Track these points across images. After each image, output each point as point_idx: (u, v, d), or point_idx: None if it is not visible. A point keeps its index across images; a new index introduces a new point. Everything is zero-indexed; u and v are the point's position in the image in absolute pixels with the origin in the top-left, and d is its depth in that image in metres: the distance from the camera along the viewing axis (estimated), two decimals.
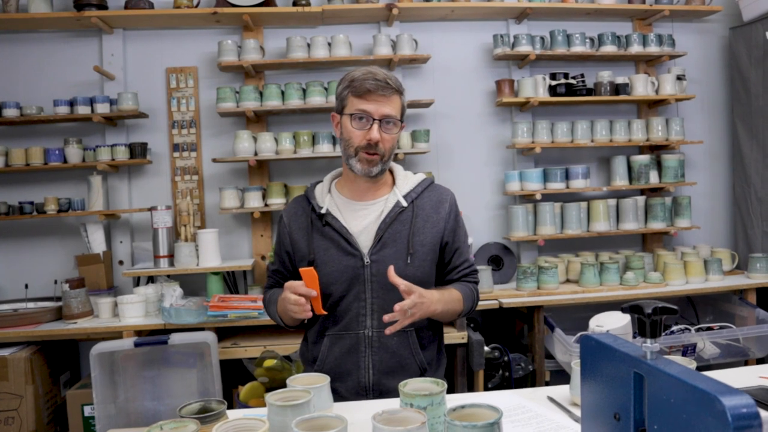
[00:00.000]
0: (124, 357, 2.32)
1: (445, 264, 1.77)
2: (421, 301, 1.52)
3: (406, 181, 1.77)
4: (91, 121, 3.21)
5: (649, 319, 0.82)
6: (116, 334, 2.79)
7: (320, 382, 1.37)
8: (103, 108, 3.18)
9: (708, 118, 3.81)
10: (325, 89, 3.27)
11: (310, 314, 1.56)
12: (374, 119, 1.61)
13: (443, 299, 1.65)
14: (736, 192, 3.71)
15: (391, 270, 1.53)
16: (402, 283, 1.51)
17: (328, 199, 1.74)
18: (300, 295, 1.54)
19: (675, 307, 0.81)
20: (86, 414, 2.79)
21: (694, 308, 3.43)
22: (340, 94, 1.67)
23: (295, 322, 1.73)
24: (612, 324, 1.25)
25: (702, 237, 3.75)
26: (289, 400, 1.20)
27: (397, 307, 1.48)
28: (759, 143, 3.48)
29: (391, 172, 1.80)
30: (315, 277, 1.56)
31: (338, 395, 1.65)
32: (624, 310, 0.85)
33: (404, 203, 1.71)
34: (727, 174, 3.84)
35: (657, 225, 3.48)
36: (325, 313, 1.61)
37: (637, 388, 0.86)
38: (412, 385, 1.28)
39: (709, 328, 3.09)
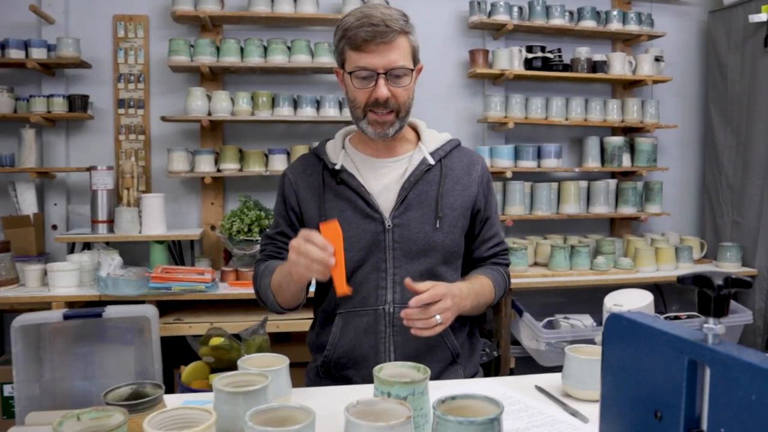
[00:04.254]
0: (52, 331, 2.06)
1: (474, 236, 1.55)
2: (447, 306, 1.29)
3: (433, 137, 1.54)
4: (25, 68, 2.89)
5: (717, 292, 0.64)
6: (44, 305, 2.53)
7: (278, 364, 1.16)
8: (39, 53, 2.86)
9: (682, 103, 3.72)
10: (288, 48, 3.02)
11: (327, 276, 1.24)
12: (378, 73, 1.36)
13: (473, 292, 1.42)
14: (706, 179, 3.64)
15: (408, 280, 1.29)
16: (423, 288, 1.26)
17: (343, 154, 1.49)
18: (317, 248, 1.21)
19: (749, 279, 0.63)
20: (6, 393, 2.52)
21: (662, 296, 3.34)
22: (337, 46, 1.42)
23: (294, 299, 1.44)
24: (633, 303, 1.08)
25: (670, 224, 3.67)
26: (241, 386, 0.99)
27: (412, 302, 1.25)
28: (733, 130, 3.40)
29: (414, 128, 1.57)
30: (339, 234, 1.23)
31: (352, 384, 1.43)
32: (684, 281, 0.67)
33: (431, 161, 1.48)
34: (698, 161, 3.76)
35: (627, 210, 3.38)
36: (349, 292, 1.26)
37: (690, 381, 0.69)
38: (388, 370, 1.09)
39: (677, 317, 3.01)
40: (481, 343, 1.63)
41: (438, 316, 1.27)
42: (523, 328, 2.83)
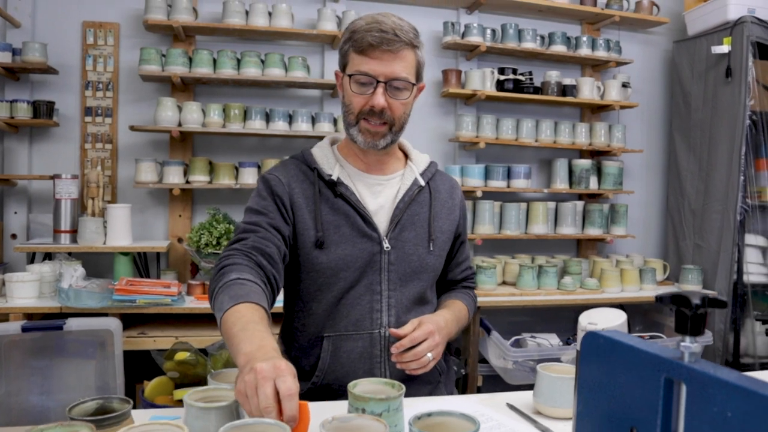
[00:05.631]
0: (9, 343, 2.01)
1: (450, 258, 1.56)
2: (436, 342, 1.32)
3: (419, 158, 1.53)
4: None
5: (694, 312, 0.66)
6: (2, 317, 2.44)
7: None
8: (3, 57, 2.78)
9: (647, 128, 3.81)
10: (262, 61, 3.01)
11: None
12: (378, 81, 1.32)
13: (455, 319, 1.46)
14: (669, 203, 3.73)
15: (391, 329, 1.31)
16: (407, 332, 1.29)
17: (338, 167, 1.43)
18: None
19: (725, 299, 0.65)
20: None
21: None
22: (342, 48, 1.38)
23: None
24: (607, 322, 1.09)
25: (634, 246, 3.74)
26: (213, 401, 0.97)
27: (406, 342, 1.27)
28: (696, 156, 3.50)
29: (401, 147, 1.55)
30: (307, 420, 0.92)
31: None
32: (663, 300, 0.68)
33: (422, 182, 1.48)
34: (662, 185, 3.86)
35: (594, 231, 3.44)
36: None
37: (666, 398, 0.69)
38: (363, 386, 1.07)
39: (640, 337, 3.06)
40: (453, 362, 1.65)
41: (429, 354, 1.29)
42: (491, 347, 2.84)
